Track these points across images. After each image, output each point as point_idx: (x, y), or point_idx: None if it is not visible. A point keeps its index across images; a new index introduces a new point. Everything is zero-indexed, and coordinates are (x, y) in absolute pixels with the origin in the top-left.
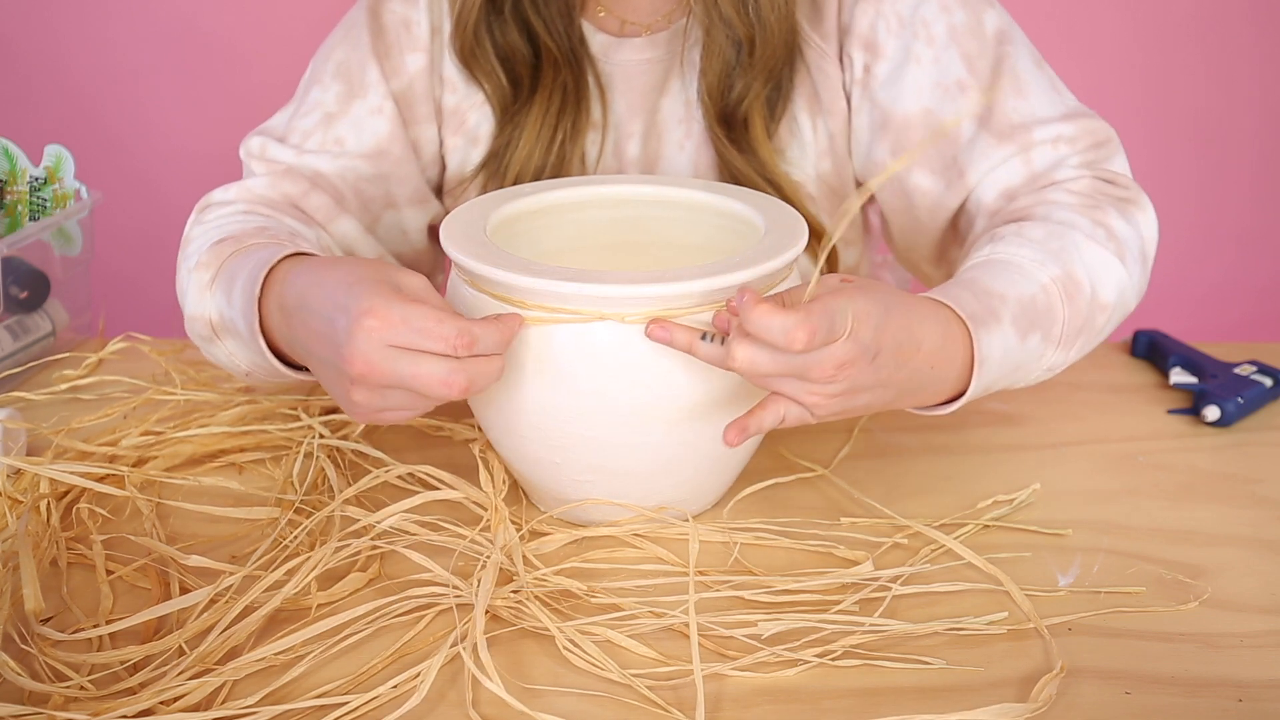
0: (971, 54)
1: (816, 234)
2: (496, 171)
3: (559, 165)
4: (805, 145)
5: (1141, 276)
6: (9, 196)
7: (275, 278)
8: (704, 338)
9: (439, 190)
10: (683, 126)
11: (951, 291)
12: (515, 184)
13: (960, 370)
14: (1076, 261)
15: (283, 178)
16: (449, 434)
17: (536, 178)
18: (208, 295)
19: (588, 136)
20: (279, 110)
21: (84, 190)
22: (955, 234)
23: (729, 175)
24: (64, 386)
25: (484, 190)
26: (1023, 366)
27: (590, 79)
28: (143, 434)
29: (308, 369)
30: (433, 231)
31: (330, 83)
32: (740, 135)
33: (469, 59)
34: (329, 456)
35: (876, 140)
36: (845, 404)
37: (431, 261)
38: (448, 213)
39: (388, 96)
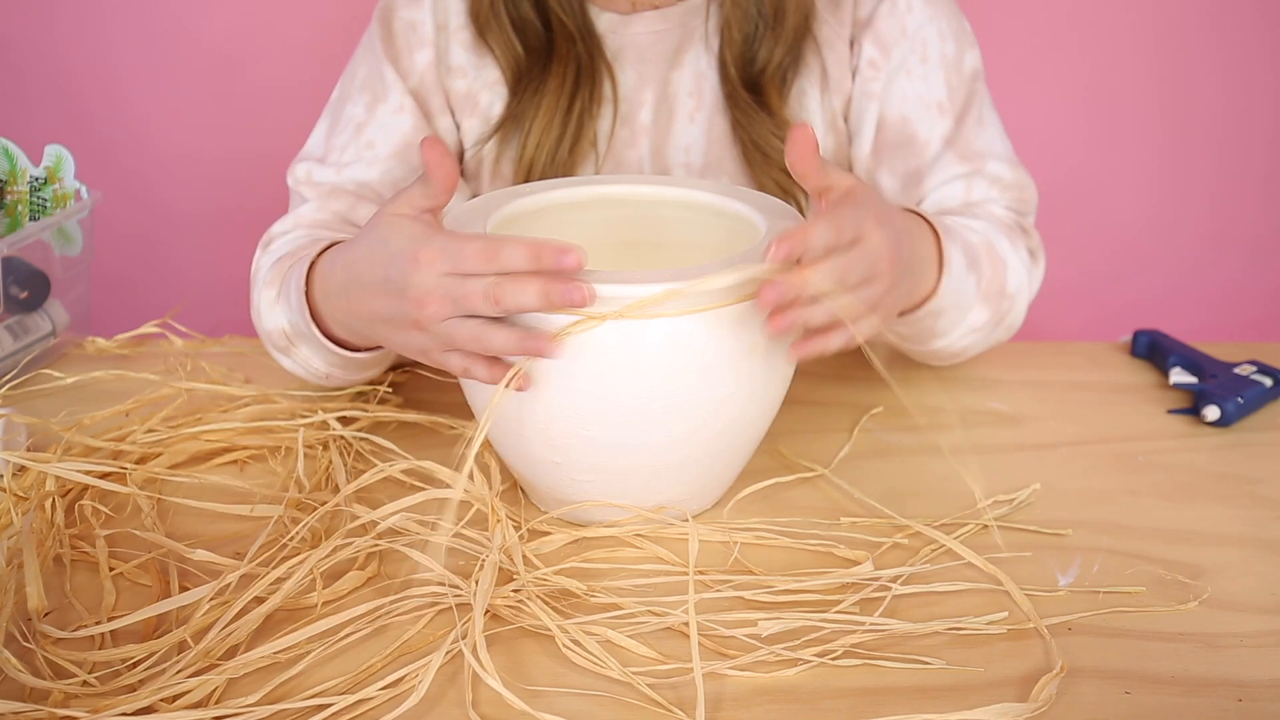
0: (952, 83)
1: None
2: (513, 141)
3: (576, 137)
4: (812, 119)
5: (1016, 313)
6: (9, 196)
7: (316, 270)
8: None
9: (463, 174)
10: (694, 99)
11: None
12: (530, 157)
13: (931, 270)
14: (998, 241)
15: (330, 197)
16: (449, 431)
17: (554, 151)
18: (277, 309)
19: (602, 109)
20: (313, 130)
21: (84, 190)
22: None
23: (744, 143)
24: (70, 380)
25: (497, 164)
26: (960, 305)
27: (599, 56)
28: (148, 430)
29: (373, 347)
30: None
31: (359, 96)
32: (761, 100)
33: (484, 26)
34: (340, 450)
35: (860, 131)
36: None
37: None
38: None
39: (406, 94)
